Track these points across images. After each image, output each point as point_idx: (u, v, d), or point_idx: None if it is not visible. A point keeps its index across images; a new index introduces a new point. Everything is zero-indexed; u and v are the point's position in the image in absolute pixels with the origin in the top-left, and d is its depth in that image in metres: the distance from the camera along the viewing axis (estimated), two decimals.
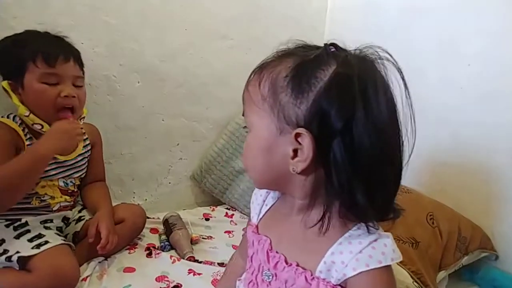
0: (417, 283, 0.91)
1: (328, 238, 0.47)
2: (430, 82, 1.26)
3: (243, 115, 0.52)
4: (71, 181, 1.03)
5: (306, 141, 0.43)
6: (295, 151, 0.45)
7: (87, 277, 0.90)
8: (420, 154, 1.30)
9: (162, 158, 1.41)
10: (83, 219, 1.02)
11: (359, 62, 0.44)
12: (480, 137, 1.15)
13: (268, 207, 0.57)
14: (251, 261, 0.56)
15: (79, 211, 1.06)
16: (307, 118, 0.43)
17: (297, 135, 0.44)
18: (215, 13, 1.37)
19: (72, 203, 1.04)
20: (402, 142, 0.46)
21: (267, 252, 0.52)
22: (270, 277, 0.52)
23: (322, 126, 0.42)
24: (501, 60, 1.08)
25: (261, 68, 0.51)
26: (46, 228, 0.94)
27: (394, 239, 1.00)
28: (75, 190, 1.05)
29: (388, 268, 0.46)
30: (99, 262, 0.96)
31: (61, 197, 1.00)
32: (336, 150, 0.41)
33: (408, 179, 1.29)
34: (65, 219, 1.02)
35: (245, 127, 0.54)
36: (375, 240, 0.46)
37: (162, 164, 1.41)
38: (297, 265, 0.48)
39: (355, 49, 0.47)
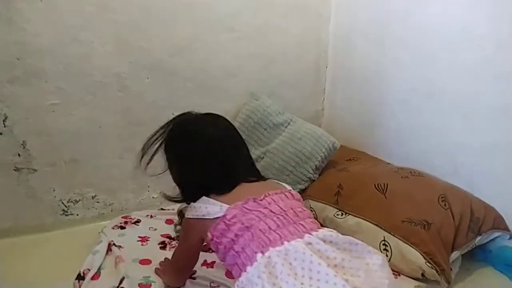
0: (430, 263, 0.92)
1: None
2: (442, 66, 1.24)
3: None
4: None
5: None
6: None
7: (97, 273, 0.92)
8: (432, 137, 1.30)
9: None
10: None
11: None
12: (492, 119, 1.13)
13: None
14: None
15: None
16: None
17: None
18: (219, 5, 1.38)
19: None
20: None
21: None
22: None
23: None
24: None
25: None
26: None
27: (406, 221, 1.01)
28: None
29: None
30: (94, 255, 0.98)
31: None
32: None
33: (420, 162, 1.30)
34: None
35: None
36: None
37: None
38: None
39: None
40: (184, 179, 0.81)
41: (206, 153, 0.78)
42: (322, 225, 0.72)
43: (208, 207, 0.72)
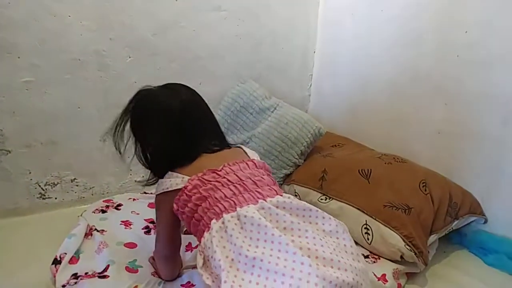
0: (409, 246, 0.95)
1: None
2: (427, 50, 1.25)
3: None
4: None
5: None
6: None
7: (75, 257, 0.90)
8: (414, 123, 1.32)
9: None
10: None
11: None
12: (474, 106, 1.15)
13: None
14: None
15: None
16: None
17: None
18: None
19: None
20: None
21: None
22: None
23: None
24: (501, 27, 1.05)
25: None
26: None
27: (387, 205, 1.03)
28: None
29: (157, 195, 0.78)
30: (69, 239, 0.96)
31: None
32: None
33: (402, 148, 1.32)
34: None
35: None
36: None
37: None
38: None
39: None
40: (149, 157, 0.81)
41: (165, 126, 0.78)
42: (284, 193, 0.73)
43: (172, 180, 0.75)
